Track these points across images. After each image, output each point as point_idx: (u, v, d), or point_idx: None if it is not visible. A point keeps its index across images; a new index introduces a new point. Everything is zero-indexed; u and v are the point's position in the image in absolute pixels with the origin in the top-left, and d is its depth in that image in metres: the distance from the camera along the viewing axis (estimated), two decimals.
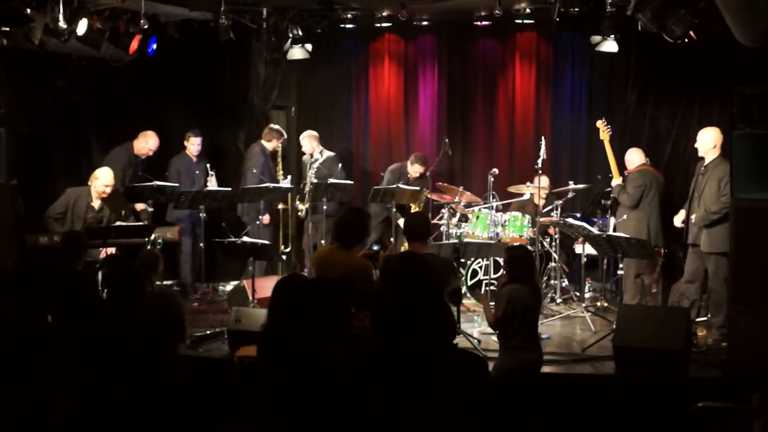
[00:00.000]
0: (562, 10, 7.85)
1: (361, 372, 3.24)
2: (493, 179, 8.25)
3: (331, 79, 9.99)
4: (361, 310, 4.34)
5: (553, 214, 8.29)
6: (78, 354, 3.68)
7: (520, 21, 8.86)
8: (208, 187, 8.40)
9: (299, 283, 3.89)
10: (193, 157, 8.80)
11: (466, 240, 7.57)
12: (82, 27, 7.44)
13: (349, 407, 3.26)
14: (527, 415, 4.66)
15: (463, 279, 7.90)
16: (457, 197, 8.59)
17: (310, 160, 8.97)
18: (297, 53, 8.96)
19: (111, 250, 7.25)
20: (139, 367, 3.67)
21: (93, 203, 7.72)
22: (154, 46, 8.41)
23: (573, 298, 8.15)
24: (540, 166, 8.09)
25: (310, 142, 9.08)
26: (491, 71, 9.63)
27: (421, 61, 9.79)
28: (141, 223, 7.94)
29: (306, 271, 8.59)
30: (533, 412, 4.78)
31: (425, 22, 9.47)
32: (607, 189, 7.98)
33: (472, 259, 8.03)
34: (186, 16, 8.30)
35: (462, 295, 6.90)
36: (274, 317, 3.75)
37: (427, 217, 7.49)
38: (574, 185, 8.40)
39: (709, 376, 5.76)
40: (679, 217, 7.30)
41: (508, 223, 8.18)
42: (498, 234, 8.07)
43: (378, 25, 9.28)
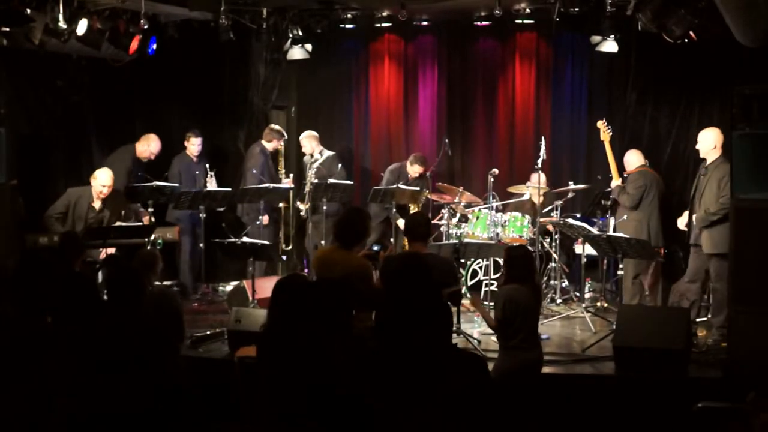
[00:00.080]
0: (562, 10, 7.85)
1: (361, 372, 3.24)
2: (493, 179, 8.25)
3: (331, 79, 9.99)
4: (361, 310, 4.35)
5: (553, 214, 8.29)
6: (78, 354, 3.68)
7: (520, 21, 8.86)
8: (208, 188, 8.40)
9: (299, 283, 3.89)
10: (194, 158, 8.79)
11: (466, 240, 7.57)
12: (82, 27, 7.44)
13: (349, 407, 3.27)
14: (527, 415, 4.66)
15: (463, 279, 7.90)
16: (457, 197, 8.59)
17: (311, 161, 8.97)
18: (297, 53, 8.96)
19: (111, 250, 7.25)
20: (139, 367, 3.67)
21: (94, 203, 7.72)
22: (154, 46, 8.40)
23: (573, 299, 8.15)
24: (540, 166, 8.10)
25: (310, 142, 9.08)
26: (491, 71, 9.63)
27: (421, 61, 9.78)
28: (141, 223, 7.94)
29: (307, 271, 8.60)
30: (533, 413, 4.78)
31: (425, 22, 9.47)
32: (607, 189, 7.97)
33: (472, 259, 8.03)
34: (186, 16, 8.30)
35: (461, 296, 6.89)
36: (274, 317, 3.75)
37: (427, 217, 7.47)
38: (574, 185, 8.40)
39: (709, 376, 5.76)
40: (682, 220, 7.28)
41: (508, 223, 8.18)
42: (498, 234, 8.07)
43: (378, 25, 9.27)
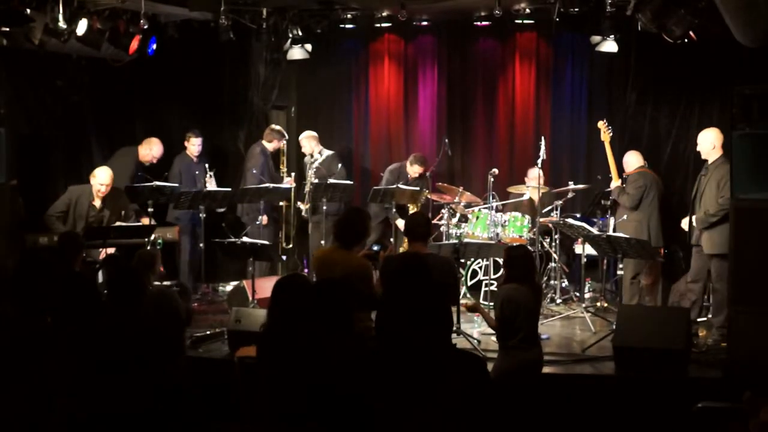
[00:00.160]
0: (562, 10, 7.84)
1: (361, 372, 3.24)
2: (493, 179, 8.25)
3: (331, 79, 9.98)
4: (361, 310, 4.35)
5: (553, 214, 8.29)
6: (78, 354, 3.68)
7: (520, 21, 8.86)
8: (207, 188, 8.40)
9: (299, 283, 3.89)
10: (194, 158, 8.79)
11: (466, 240, 7.56)
12: (82, 27, 7.44)
13: (349, 407, 3.27)
14: (527, 415, 4.66)
15: (463, 279, 7.90)
16: (456, 197, 8.58)
17: (311, 161, 8.97)
18: (297, 53, 8.95)
19: (111, 250, 7.25)
20: (139, 367, 3.67)
21: (95, 202, 7.72)
22: (154, 46, 8.40)
23: (573, 299, 8.14)
24: (540, 165, 8.10)
25: (309, 142, 9.07)
26: (491, 71, 9.62)
27: (421, 61, 9.78)
28: (141, 223, 7.94)
29: (307, 271, 8.59)
30: (533, 413, 4.78)
31: (425, 23, 9.46)
32: (606, 189, 7.97)
33: (472, 259, 8.03)
34: (186, 16, 8.29)
35: (460, 296, 6.90)
36: (274, 317, 3.75)
37: (427, 217, 7.46)
38: (574, 185, 8.40)
39: (709, 376, 5.77)
40: (686, 221, 7.27)
41: (508, 223, 8.18)
42: (498, 234, 8.06)
43: (378, 25, 9.26)
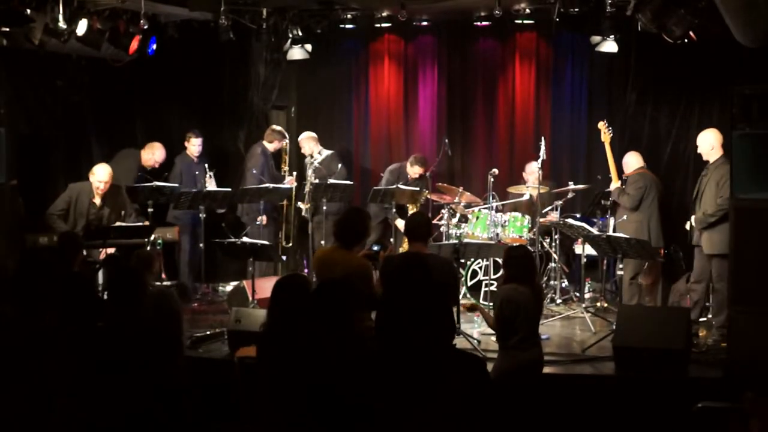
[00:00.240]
0: (562, 10, 7.84)
1: (362, 372, 3.23)
2: (492, 179, 8.24)
3: (331, 79, 9.98)
4: (360, 310, 4.34)
5: (552, 215, 8.29)
6: (78, 354, 3.68)
7: (520, 21, 8.85)
8: (207, 188, 8.40)
9: (299, 283, 3.89)
10: (194, 158, 8.79)
11: (466, 240, 7.56)
12: (82, 27, 7.44)
13: (349, 407, 3.26)
14: (527, 415, 4.65)
15: (463, 279, 7.90)
16: (456, 198, 8.58)
17: (311, 161, 8.96)
18: (297, 53, 8.95)
19: (111, 250, 7.25)
20: (139, 368, 3.67)
21: (95, 199, 7.73)
22: (154, 47, 8.40)
23: (573, 299, 8.14)
24: (540, 165, 8.10)
25: (309, 143, 9.06)
26: (491, 71, 9.62)
27: (421, 61, 9.78)
28: (141, 223, 7.94)
29: (307, 271, 8.59)
30: (533, 413, 4.78)
31: (425, 23, 9.46)
32: (606, 190, 7.97)
33: (472, 259, 8.02)
34: (186, 16, 8.29)
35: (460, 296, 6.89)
36: (274, 317, 3.75)
37: (427, 217, 7.44)
38: (573, 185, 8.40)
39: (709, 376, 5.76)
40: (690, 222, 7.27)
41: (507, 223, 8.17)
42: (498, 234, 8.06)
43: (378, 25, 9.26)
